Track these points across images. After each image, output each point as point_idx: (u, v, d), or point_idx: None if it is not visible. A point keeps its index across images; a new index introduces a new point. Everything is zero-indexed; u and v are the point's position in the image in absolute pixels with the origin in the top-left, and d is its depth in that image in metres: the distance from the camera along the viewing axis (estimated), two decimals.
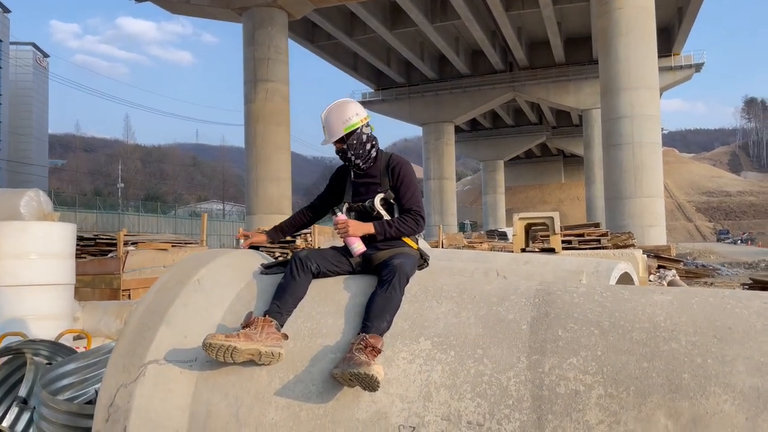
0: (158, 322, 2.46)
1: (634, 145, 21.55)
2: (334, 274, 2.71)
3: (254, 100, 25.46)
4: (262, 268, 2.79)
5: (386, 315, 2.32)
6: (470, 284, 2.61)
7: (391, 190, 2.82)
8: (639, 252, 7.15)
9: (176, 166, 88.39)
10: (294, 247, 11.62)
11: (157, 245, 10.48)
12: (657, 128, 22.16)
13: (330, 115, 2.82)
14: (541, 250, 8.61)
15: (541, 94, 42.23)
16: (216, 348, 2.22)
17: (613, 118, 21.94)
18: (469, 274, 3.77)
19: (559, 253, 7.06)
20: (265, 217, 24.27)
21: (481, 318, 2.33)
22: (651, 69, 21.94)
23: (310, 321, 2.45)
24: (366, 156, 2.85)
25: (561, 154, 77.07)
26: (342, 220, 2.76)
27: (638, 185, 21.56)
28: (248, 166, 25.82)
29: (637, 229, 20.66)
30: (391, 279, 2.44)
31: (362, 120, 2.83)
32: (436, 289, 2.57)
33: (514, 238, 7.47)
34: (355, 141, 2.82)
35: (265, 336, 2.28)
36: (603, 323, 2.21)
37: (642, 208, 21.52)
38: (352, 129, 2.81)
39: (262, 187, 25.13)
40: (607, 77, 22.13)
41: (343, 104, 2.84)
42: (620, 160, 21.91)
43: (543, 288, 2.51)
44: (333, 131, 2.81)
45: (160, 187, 74.78)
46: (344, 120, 2.80)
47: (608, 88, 22.07)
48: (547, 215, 7.18)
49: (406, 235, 2.78)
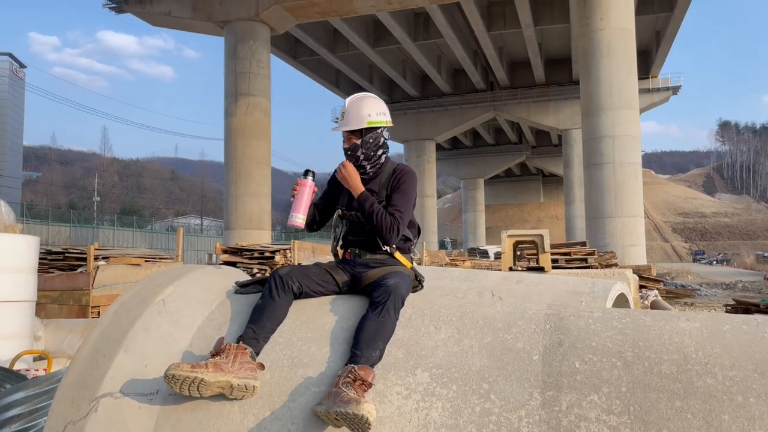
0: (115, 349, 2.19)
1: (615, 164, 21.60)
2: (318, 294, 2.49)
3: (235, 114, 25.19)
4: (237, 287, 2.58)
5: (378, 342, 2.09)
6: (471, 307, 2.37)
7: (386, 198, 2.60)
8: (629, 272, 6.95)
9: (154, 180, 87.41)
10: (272, 263, 11.28)
11: (130, 260, 10.08)
12: (637, 148, 22.26)
13: (358, 102, 2.64)
14: (528, 268, 8.40)
15: (521, 114, 42.55)
16: (180, 380, 1.97)
17: (595, 138, 22.01)
18: (462, 294, 3.49)
19: (548, 272, 6.86)
20: (244, 233, 23.93)
21: (487, 346, 2.10)
22: (632, 90, 22.08)
23: (291, 348, 2.21)
24: (375, 161, 2.65)
25: (540, 174, 77.75)
26: (347, 164, 2.58)
27: (619, 205, 21.57)
28: (228, 180, 25.49)
29: (618, 248, 20.63)
30: (384, 301, 2.20)
31: (387, 123, 2.66)
32: (433, 312, 2.33)
33: (503, 256, 7.25)
34: (371, 140, 2.62)
35: (237, 366, 2.04)
36: (626, 354, 1.97)
37: (623, 227, 21.52)
38: (375, 126, 2.62)
39: (241, 202, 24.79)
40: (588, 97, 22.23)
41: (374, 98, 2.68)
42: (601, 180, 21.93)
43: (554, 312, 2.27)
44: (354, 120, 2.60)
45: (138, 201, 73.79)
46: (371, 113, 2.62)
47: (590, 107, 22.16)
48: (536, 233, 7.00)
49: (380, 226, 2.48)
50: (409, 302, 2.38)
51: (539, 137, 58.02)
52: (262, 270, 11.31)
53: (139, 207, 69.61)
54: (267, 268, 11.23)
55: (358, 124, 2.60)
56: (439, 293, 3.46)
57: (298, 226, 2.62)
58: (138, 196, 78.12)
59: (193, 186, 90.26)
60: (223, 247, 12.35)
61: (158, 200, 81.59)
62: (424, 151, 44.76)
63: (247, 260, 11.66)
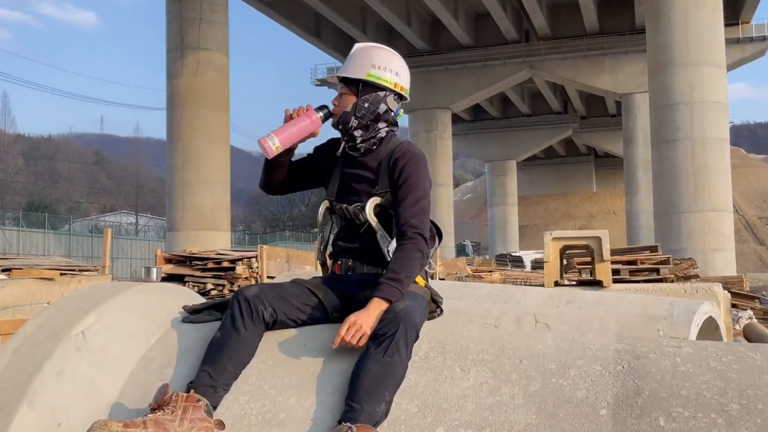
0: (15, 401, 2.19)
1: (694, 141, 21.58)
2: (298, 323, 2.52)
3: (181, 74, 25.22)
4: (186, 313, 2.62)
5: (383, 391, 2.11)
6: (510, 340, 2.40)
7: (391, 191, 2.63)
8: (718, 286, 6.94)
9: (73, 164, 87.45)
10: (233, 276, 11.23)
11: (41, 272, 10.04)
12: (724, 119, 22.25)
13: (367, 49, 2.76)
14: (580, 282, 8.36)
15: (566, 73, 42.57)
16: None
17: (666, 105, 22.00)
18: (494, 321, 3.47)
19: (608, 288, 6.83)
20: (194, 235, 23.96)
21: (534, 396, 2.11)
22: (717, 39, 22.05)
23: (261, 399, 2.21)
24: (370, 132, 2.70)
25: (592, 154, 77.90)
26: (352, 322, 2.30)
27: (699, 195, 21.57)
28: (171, 165, 25.53)
29: (699, 253, 20.59)
30: (392, 333, 2.19)
31: (395, 85, 2.72)
32: (458, 347, 2.35)
33: (546, 266, 7.25)
34: (368, 102, 2.68)
35: (188, 425, 2.05)
36: (730, 407, 1.96)
37: (705, 225, 21.51)
38: (376, 82, 2.68)
39: (190, 193, 24.81)
40: (657, 49, 22.21)
41: (390, 53, 2.79)
42: (675, 162, 21.94)
43: (626, 347, 2.28)
44: (353, 66, 2.71)
45: (50, 193, 73.79)
46: (375, 65, 2.70)
47: (659, 64, 22.14)
48: (591, 235, 7.00)
49: (416, 275, 2.56)
50: (425, 334, 2.38)
51: (591, 105, 58.10)
52: (219, 287, 11.27)
53: (53, 200, 69.62)
54: (226, 284, 11.18)
55: (355, 72, 2.67)
56: (464, 319, 3.45)
57: (266, 151, 2.61)
58: (51, 186, 78.13)
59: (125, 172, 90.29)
60: (166, 255, 12.29)
61: (78, 191, 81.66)
62: (435, 123, 44.73)
63: (198, 273, 11.61)
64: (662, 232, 22.41)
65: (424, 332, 2.37)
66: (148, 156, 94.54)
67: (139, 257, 39.50)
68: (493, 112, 58.10)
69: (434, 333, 2.41)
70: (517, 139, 59.91)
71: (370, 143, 2.70)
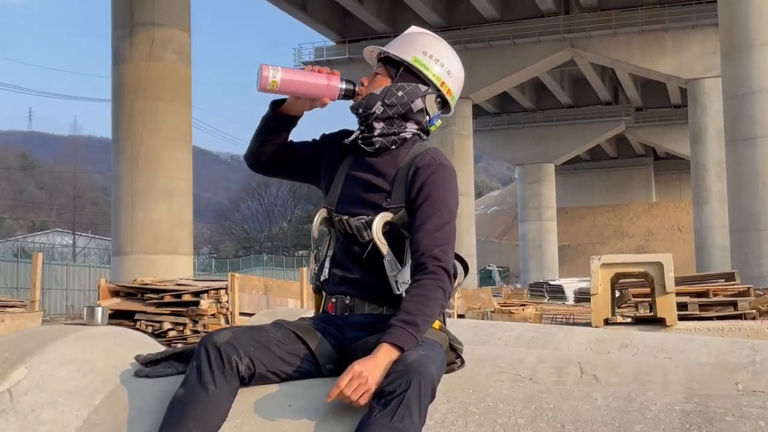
0: None
1: None
2: (282, 378, 2.53)
3: (130, 58, 25.33)
4: (140, 365, 2.64)
5: None
6: (549, 398, 2.41)
7: (406, 208, 2.64)
8: None
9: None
10: (196, 313, 11.21)
11: None
12: None
13: (421, 35, 2.89)
14: (636, 320, 8.39)
15: (617, 53, 42.69)
16: None
17: (743, 94, 22.06)
18: (529, 373, 3.47)
19: (672, 327, 6.83)
20: (146, 260, 23.94)
21: None
22: None
23: None
24: (393, 129, 2.74)
25: (651, 155, 78.04)
26: (357, 373, 2.32)
27: None
28: (118, 171, 25.59)
29: None
30: (402, 392, 2.19)
31: (442, 84, 2.79)
32: (483, 408, 2.37)
33: (595, 299, 7.20)
34: (403, 91, 2.72)
35: None
36: None
37: None
38: (422, 71, 2.76)
39: (142, 207, 24.85)
40: (732, 24, 22.30)
41: (450, 50, 2.89)
42: (755, 165, 22.00)
43: (696, 408, 2.29)
44: (398, 45, 2.83)
45: None
46: (428, 52, 2.78)
47: (735, 42, 22.22)
48: (651, 259, 6.99)
49: (435, 319, 2.59)
50: (443, 391, 2.39)
51: (648, 93, 58.23)
52: (179, 326, 11.25)
53: None
54: (187, 323, 11.17)
55: (400, 51, 2.77)
56: (490, 370, 3.45)
57: (261, 80, 2.59)
58: None
59: (60, 180, 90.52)
60: (112, 286, 12.30)
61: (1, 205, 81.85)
62: (452, 117, 44.34)
63: (152, 309, 11.60)
64: (740, 253, 22.42)
65: (441, 389, 2.36)
66: (87, 160, 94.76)
67: (77, 288, 39.40)
68: (524, 102, 58.23)
69: (454, 390, 2.42)
70: (556, 135, 59.94)
71: (390, 140, 2.72)
